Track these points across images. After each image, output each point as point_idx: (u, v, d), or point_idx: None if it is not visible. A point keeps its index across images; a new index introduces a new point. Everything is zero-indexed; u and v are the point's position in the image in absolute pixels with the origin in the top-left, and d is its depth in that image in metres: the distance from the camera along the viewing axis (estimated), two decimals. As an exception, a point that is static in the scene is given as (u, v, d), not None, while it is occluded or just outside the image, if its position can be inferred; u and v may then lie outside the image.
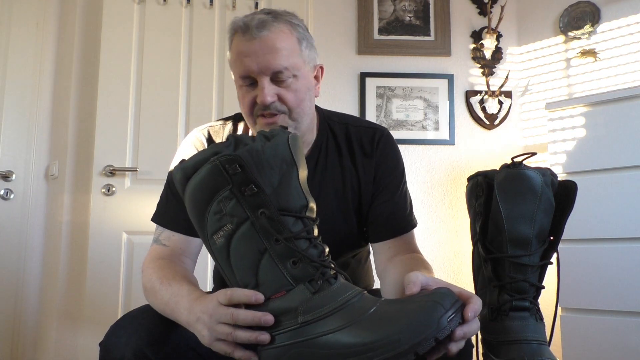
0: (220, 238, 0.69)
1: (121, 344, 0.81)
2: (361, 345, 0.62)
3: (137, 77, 2.04)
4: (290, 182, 0.69)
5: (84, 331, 1.92)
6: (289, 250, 0.67)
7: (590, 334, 1.51)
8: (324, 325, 0.64)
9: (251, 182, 0.66)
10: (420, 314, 0.62)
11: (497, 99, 2.13)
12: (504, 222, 1.12)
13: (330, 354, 0.63)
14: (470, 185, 1.28)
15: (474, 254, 1.24)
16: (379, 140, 1.08)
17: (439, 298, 0.64)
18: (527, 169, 1.13)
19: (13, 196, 2.02)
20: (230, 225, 0.68)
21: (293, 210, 0.69)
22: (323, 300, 0.66)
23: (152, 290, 0.88)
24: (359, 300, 0.67)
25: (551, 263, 1.15)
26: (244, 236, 0.68)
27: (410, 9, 2.19)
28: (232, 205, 0.67)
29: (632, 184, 1.49)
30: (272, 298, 0.67)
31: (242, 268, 0.69)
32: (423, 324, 0.61)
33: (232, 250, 0.68)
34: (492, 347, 1.11)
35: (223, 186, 0.67)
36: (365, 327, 0.63)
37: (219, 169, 0.66)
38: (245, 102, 0.98)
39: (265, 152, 0.68)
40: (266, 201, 0.67)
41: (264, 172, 0.67)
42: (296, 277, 0.67)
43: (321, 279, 0.67)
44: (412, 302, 0.66)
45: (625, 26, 1.91)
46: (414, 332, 0.61)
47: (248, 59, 0.94)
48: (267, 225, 0.67)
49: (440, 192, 2.11)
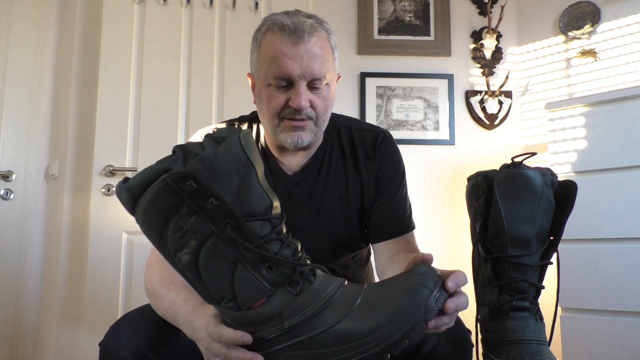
0: (185, 255, 0.64)
1: (121, 344, 0.82)
2: (354, 340, 0.61)
3: (137, 77, 2.04)
4: (251, 184, 0.65)
5: (84, 331, 1.92)
6: (262, 256, 0.64)
7: (590, 334, 1.51)
8: (312, 325, 0.63)
9: (210, 195, 0.62)
10: (407, 299, 0.62)
11: (497, 99, 2.13)
12: (504, 222, 1.12)
13: (322, 353, 0.62)
14: (470, 185, 1.28)
15: (474, 254, 1.24)
16: (381, 143, 1.09)
17: (422, 280, 0.64)
18: (527, 169, 1.13)
19: (13, 196, 2.02)
20: (195, 242, 0.63)
21: (258, 214, 0.65)
22: (306, 300, 0.64)
23: (153, 292, 0.88)
24: (342, 293, 0.66)
25: (551, 263, 1.15)
26: (211, 250, 0.63)
27: (410, 9, 2.19)
28: (193, 222, 0.62)
29: (632, 184, 1.49)
30: (253, 307, 0.64)
31: (216, 282, 0.65)
32: (411, 309, 0.61)
33: (202, 266, 0.64)
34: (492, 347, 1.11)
35: (179, 204, 0.62)
36: (355, 320, 0.62)
37: (172, 188, 0.61)
38: (273, 103, 0.96)
39: (218, 158, 0.62)
40: (229, 211, 0.62)
41: (222, 180, 0.62)
42: (274, 282, 0.64)
43: (300, 278, 0.65)
44: (396, 285, 0.65)
45: (625, 26, 1.91)
46: (404, 319, 0.61)
47: (291, 62, 0.92)
48: (234, 236, 0.63)
49: (440, 192, 2.11)
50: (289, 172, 1.05)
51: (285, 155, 1.05)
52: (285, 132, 0.97)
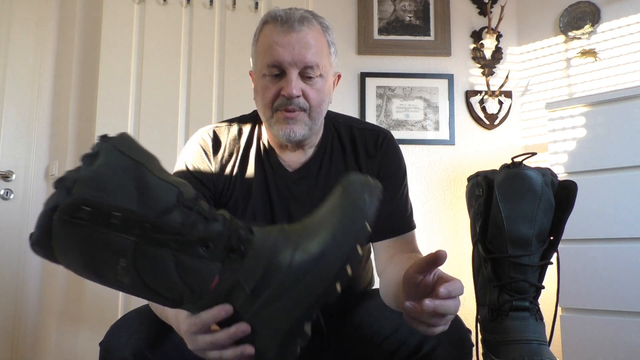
0: (123, 277, 0.61)
1: (121, 344, 0.82)
2: (311, 268, 0.62)
3: (137, 77, 2.04)
4: (148, 183, 0.61)
5: (84, 331, 1.92)
6: (193, 241, 0.62)
7: (590, 334, 1.51)
8: (270, 277, 0.63)
9: (111, 210, 0.58)
10: (347, 210, 0.65)
11: (497, 99, 2.13)
12: (504, 222, 1.12)
13: (291, 296, 0.63)
14: (470, 185, 1.28)
15: (474, 254, 1.24)
16: (383, 142, 1.09)
17: (347, 184, 0.68)
18: (527, 169, 1.13)
19: (13, 196, 2.02)
20: (124, 259, 0.60)
21: (171, 205, 0.62)
22: (254, 259, 0.63)
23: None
24: (282, 236, 0.66)
25: (551, 263, 1.16)
26: (144, 259, 0.61)
27: (410, 9, 2.19)
28: (111, 244, 0.59)
29: (632, 184, 1.49)
30: (211, 290, 0.63)
31: (166, 286, 0.63)
32: (352, 215, 0.65)
33: (145, 279, 0.62)
34: (492, 347, 1.11)
35: (87, 234, 0.58)
36: (303, 251, 0.63)
37: (70, 223, 0.58)
38: (267, 94, 0.97)
39: (101, 174, 0.59)
40: (139, 217, 0.60)
41: (116, 193, 0.59)
42: (217, 258, 0.63)
43: (238, 243, 0.64)
44: (328, 201, 0.68)
45: (625, 26, 1.91)
46: (348, 229, 0.64)
47: (282, 49, 0.94)
48: (157, 236, 0.60)
49: (440, 192, 2.11)
50: (289, 169, 1.06)
51: (286, 152, 1.06)
52: (278, 125, 0.98)
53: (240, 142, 1.07)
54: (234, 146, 1.07)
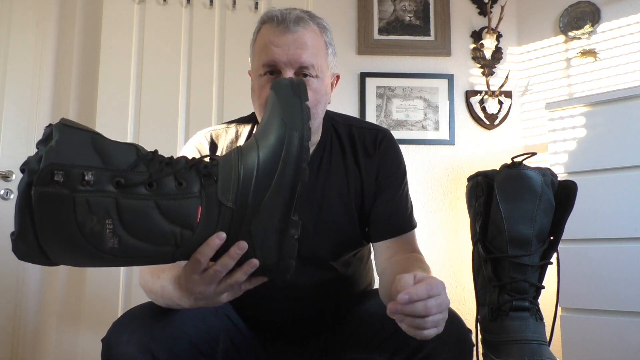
0: (112, 240, 0.62)
1: (124, 340, 0.82)
2: (275, 159, 0.67)
3: (137, 77, 2.04)
4: (105, 146, 0.64)
5: (84, 331, 1.92)
6: (166, 181, 0.65)
7: (590, 334, 1.51)
8: (246, 186, 0.67)
9: (83, 170, 0.60)
10: (279, 102, 0.71)
11: (497, 99, 2.13)
12: (504, 222, 1.12)
13: (272, 191, 0.67)
14: (470, 185, 1.28)
15: (474, 254, 1.24)
16: (382, 141, 1.09)
17: (277, 86, 0.74)
18: (527, 169, 1.13)
19: (13, 196, 2.02)
20: (110, 220, 0.61)
21: (134, 160, 0.65)
22: (225, 178, 0.67)
23: (147, 286, 0.89)
24: (242, 147, 0.71)
25: (551, 263, 1.16)
26: (128, 213, 0.62)
27: (410, 9, 2.19)
28: (91, 206, 0.60)
29: (632, 184, 1.49)
30: (199, 222, 0.65)
31: (156, 234, 0.64)
32: (289, 103, 0.71)
33: (135, 234, 0.63)
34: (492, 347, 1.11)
35: (67, 201, 0.59)
36: (263, 148, 0.68)
37: (49, 192, 0.59)
38: (263, 93, 0.98)
39: (62, 145, 0.60)
40: (110, 172, 0.62)
41: (82, 157, 0.61)
42: (193, 190, 0.66)
43: (207, 170, 0.67)
44: (269, 106, 0.74)
45: (625, 26, 1.91)
46: (289, 111, 0.70)
47: (278, 49, 0.95)
48: (131, 187, 0.62)
49: (440, 192, 2.11)
50: None
51: None
52: None
53: (237, 145, 1.07)
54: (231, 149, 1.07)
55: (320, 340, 1.07)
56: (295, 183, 0.67)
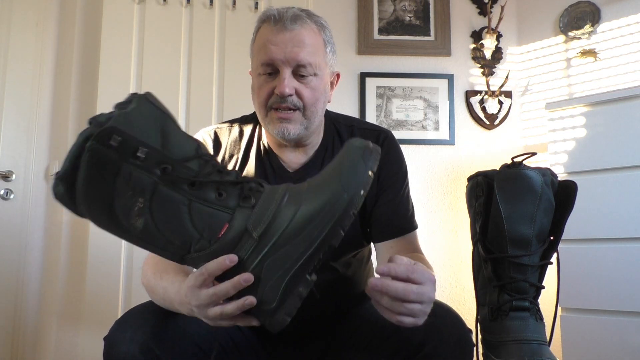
0: (138, 219, 0.64)
1: (126, 338, 0.82)
2: (317, 216, 0.64)
3: (137, 77, 2.04)
4: (172, 131, 0.66)
5: (84, 331, 1.92)
6: (208, 187, 0.66)
7: (590, 334, 1.51)
8: (277, 224, 0.65)
9: (138, 144, 0.62)
10: (351, 161, 0.67)
11: (497, 99, 2.13)
12: (504, 222, 1.12)
13: (296, 242, 0.64)
14: (470, 185, 1.28)
15: (474, 254, 1.24)
16: (383, 142, 1.10)
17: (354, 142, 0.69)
18: (527, 169, 1.13)
19: (13, 196, 2.02)
20: (142, 199, 0.63)
21: (191, 155, 0.66)
22: (263, 206, 0.66)
23: (149, 286, 0.89)
24: (290, 189, 0.68)
25: (551, 263, 1.16)
26: (161, 201, 0.64)
27: (410, 9, 2.19)
28: (134, 180, 0.63)
29: (632, 184, 1.49)
30: (220, 237, 0.66)
31: (176, 230, 0.65)
32: (356, 164, 0.66)
33: (158, 222, 0.65)
34: (492, 347, 1.11)
35: (113, 166, 0.62)
36: (310, 202, 0.65)
37: (100, 151, 0.61)
38: (261, 92, 0.98)
39: (132, 116, 0.63)
40: (162, 156, 0.64)
41: (144, 133, 0.63)
42: (229, 205, 0.66)
43: (250, 192, 0.67)
44: (334, 161, 0.69)
45: (625, 26, 1.91)
46: (351, 175, 0.65)
47: (275, 48, 0.95)
48: (175, 178, 0.64)
49: (440, 192, 2.11)
50: (290, 169, 1.06)
51: (285, 152, 1.05)
52: (272, 123, 0.99)
53: (241, 144, 1.07)
54: (235, 147, 1.07)
55: (321, 341, 1.07)
56: (324, 243, 0.65)
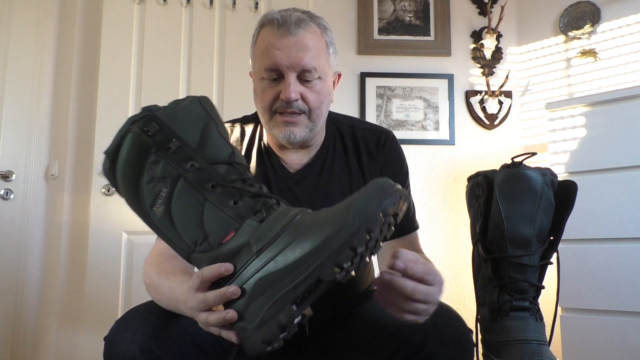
0: (159, 207, 0.68)
1: (127, 338, 0.82)
2: (319, 245, 0.62)
3: (137, 77, 2.04)
4: (211, 134, 0.70)
5: (84, 331, 1.92)
6: (228, 193, 0.68)
7: (590, 334, 1.51)
8: (278, 244, 0.65)
9: (173, 137, 0.67)
10: (365, 198, 0.63)
11: (497, 99, 2.13)
12: (504, 222, 1.12)
13: (290, 265, 0.63)
14: (470, 185, 1.28)
15: (474, 254, 1.24)
16: (385, 142, 1.09)
17: (376, 182, 0.65)
18: (527, 169, 1.14)
19: (13, 196, 2.02)
20: (166, 189, 0.68)
21: (221, 160, 0.69)
22: (270, 225, 0.66)
23: (152, 285, 0.89)
24: (303, 215, 0.67)
25: (551, 263, 1.16)
26: (181, 194, 0.68)
27: (410, 9, 2.19)
28: (161, 168, 0.67)
29: (632, 184, 1.49)
30: (223, 242, 0.67)
31: (187, 227, 0.68)
32: (368, 203, 0.62)
33: (174, 214, 0.68)
34: (492, 347, 1.11)
35: (148, 151, 0.67)
36: (315, 230, 0.64)
37: (139, 135, 0.67)
38: (266, 97, 0.98)
39: (179, 111, 0.69)
40: (192, 153, 0.68)
41: (183, 129, 0.68)
42: (240, 215, 0.67)
43: (264, 208, 0.68)
44: (354, 196, 0.66)
45: (625, 26, 1.91)
46: (360, 213, 0.61)
47: (280, 53, 0.94)
48: (200, 176, 0.68)
49: (440, 192, 2.11)
50: (291, 170, 1.06)
51: (286, 153, 1.05)
52: (277, 127, 0.99)
53: (242, 144, 1.07)
54: (236, 147, 1.07)
55: (321, 342, 1.07)
56: (312, 275, 0.62)
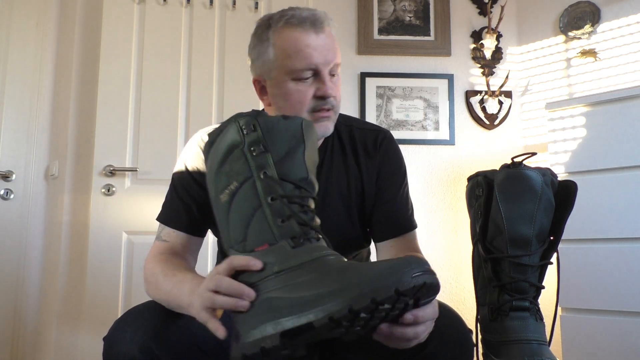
0: (225, 196, 0.74)
1: (126, 338, 0.82)
2: (307, 297, 0.63)
3: (137, 77, 2.04)
4: (296, 155, 0.75)
5: (84, 331, 1.92)
6: (281, 209, 0.71)
7: (590, 334, 1.52)
8: (293, 275, 0.67)
9: (261, 142, 0.74)
10: (386, 267, 0.63)
11: (497, 99, 2.13)
12: (504, 222, 1.12)
13: (286, 301, 0.64)
14: (470, 185, 1.28)
15: (474, 254, 1.24)
16: (382, 142, 1.10)
17: (409, 258, 0.65)
18: (527, 169, 1.14)
19: (13, 196, 2.02)
20: (236, 183, 0.73)
21: (293, 180, 0.74)
22: (298, 254, 0.69)
23: (155, 283, 0.89)
24: (334, 258, 0.69)
25: (551, 263, 1.16)
26: (244, 194, 0.73)
27: (410, 9, 2.19)
28: (240, 164, 0.73)
29: (632, 184, 1.49)
30: (255, 250, 0.71)
31: (236, 224, 0.73)
32: (386, 273, 0.62)
33: (232, 207, 0.73)
34: (492, 347, 1.11)
35: (237, 145, 0.74)
36: (330, 277, 0.64)
37: (237, 128, 0.75)
38: (303, 97, 0.97)
39: (279, 124, 0.75)
40: (270, 163, 0.73)
41: (274, 140, 0.74)
42: (281, 233, 0.70)
43: (303, 237, 0.70)
44: (382, 261, 0.68)
45: (625, 26, 1.91)
46: (374, 279, 0.61)
47: (316, 52, 0.95)
48: (266, 185, 0.72)
49: (440, 192, 2.11)
50: None
51: None
52: (314, 125, 0.99)
53: None
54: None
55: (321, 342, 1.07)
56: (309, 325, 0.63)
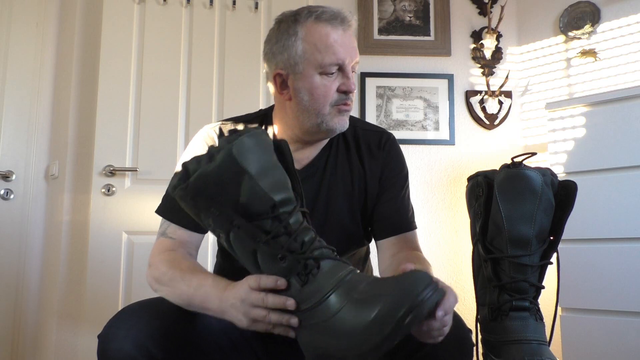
0: (222, 241, 0.75)
1: (121, 336, 0.82)
2: (353, 333, 0.65)
3: (137, 77, 2.04)
4: (250, 189, 0.70)
5: (84, 331, 1.92)
6: (273, 248, 0.71)
7: (590, 334, 1.51)
8: (321, 311, 0.69)
9: (211, 207, 0.71)
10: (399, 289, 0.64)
11: (497, 99, 2.13)
12: (504, 222, 1.12)
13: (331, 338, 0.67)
14: (470, 185, 1.28)
15: (474, 254, 1.24)
16: (386, 143, 1.12)
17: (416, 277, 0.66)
18: (527, 169, 1.13)
19: (13, 196, 2.02)
20: (223, 234, 0.74)
21: (264, 214, 0.71)
22: (311, 291, 0.70)
23: (169, 283, 0.89)
24: (352, 275, 0.72)
25: (551, 263, 1.16)
26: (235, 241, 0.73)
27: (410, 9, 2.19)
28: (213, 221, 0.73)
29: (632, 184, 1.49)
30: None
31: (247, 264, 0.75)
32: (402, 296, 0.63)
33: (235, 251, 0.75)
34: (492, 347, 1.11)
35: (196, 210, 0.74)
36: (353, 310, 0.66)
37: (183, 199, 0.73)
38: (328, 91, 0.99)
39: (212, 174, 0.70)
40: (232, 217, 0.71)
41: (219, 192, 0.70)
42: (288, 271, 0.72)
43: (303, 272, 0.71)
44: (392, 279, 0.68)
45: (625, 26, 1.91)
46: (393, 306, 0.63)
47: (343, 49, 0.98)
48: (245, 233, 0.71)
49: (440, 192, 2.11)
50: (298, 166, 1.06)
51: (298, 149, 1.06)
52: (335, 118, 1.02)
53: None
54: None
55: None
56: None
